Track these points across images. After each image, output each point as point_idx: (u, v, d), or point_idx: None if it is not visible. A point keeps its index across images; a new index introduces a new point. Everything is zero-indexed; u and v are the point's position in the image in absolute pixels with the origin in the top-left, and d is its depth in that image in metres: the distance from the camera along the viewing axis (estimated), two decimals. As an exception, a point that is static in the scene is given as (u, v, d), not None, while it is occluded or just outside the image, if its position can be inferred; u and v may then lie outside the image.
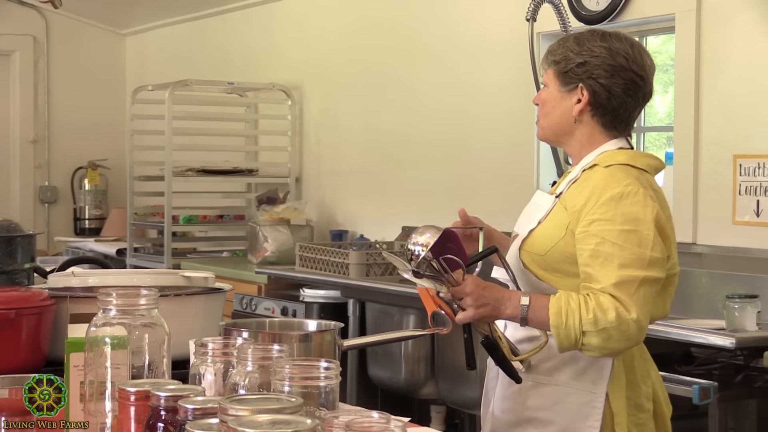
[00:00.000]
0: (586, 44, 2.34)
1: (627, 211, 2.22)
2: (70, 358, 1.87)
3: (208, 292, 2.62)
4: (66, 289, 2.54)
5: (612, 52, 2.33)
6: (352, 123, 6.02)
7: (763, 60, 3.86)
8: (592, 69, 2.32)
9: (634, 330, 2.17)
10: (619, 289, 2.17)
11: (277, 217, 5.85)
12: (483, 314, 2.18)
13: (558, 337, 2.17)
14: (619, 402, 2.28)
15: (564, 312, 2.16)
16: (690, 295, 4.01)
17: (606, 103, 2.33)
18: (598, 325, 2.14)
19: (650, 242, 2.21)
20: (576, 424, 2.28)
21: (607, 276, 2.18)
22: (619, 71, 2.32)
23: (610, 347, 2.18)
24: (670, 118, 4.36)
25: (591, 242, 2.21)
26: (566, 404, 2.29)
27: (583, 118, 2.35)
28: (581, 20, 4.43)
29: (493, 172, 5.00)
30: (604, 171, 2.28)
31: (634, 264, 2.19)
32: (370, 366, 4.72)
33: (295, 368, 1.65)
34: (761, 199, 3.84)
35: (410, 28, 5.58)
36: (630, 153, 2.36)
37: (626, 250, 2.19)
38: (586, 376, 2.29)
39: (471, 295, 2.17)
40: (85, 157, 7.90)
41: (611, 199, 2.23)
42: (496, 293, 2.20)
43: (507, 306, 2.19)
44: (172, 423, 1.54)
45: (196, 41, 7.36)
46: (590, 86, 2.32)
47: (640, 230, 2.21)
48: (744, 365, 3.42)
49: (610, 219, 2.21)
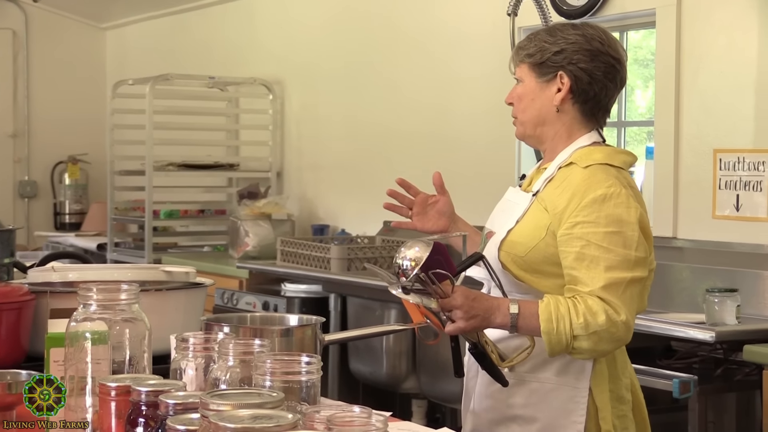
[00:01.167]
0: (559, 33, 2.33)
1: (611, 212, 2.21)
2: (50, 353, 1.86)
3: (189, 287, 2.62)
4: (46, 284, 2.53)
5: (587, 38, 2.32)
6: (333, 117, 6.01)
7: (743, 55, 3.88)
8: (570, 55, 2.30)
9: (623, 331, 2.18)
10: (608, 292, 2.16)
11: (259, 212, 5.85)
12: (473, 326, 2.15)
13: (549, 343, 2.16)
14: (602, 396, 2.29)
15: (554, 318, 2.15)
16: (670, 289, 4.02)
17: (588, 88, 2.32)
18: (589, 329, 2.14)
19: (635, 243, 2.21)
20: (560, 420, 2.28)
21: (595, 279, 2.17)
22: (598, 55, 2.31)
23: (600, 349, 2.19)
24: (650, 113, 4.38)
25: (576, 245, 2.20)
26: (550, 401, 2.29)
27: (565, 107, 2.33)
28: (562, 15, 4.44)
29: (474, 165, 5.01)
30: (585, 171, 2.27)
31: (620, 266, 2.19)
32: (352, 360, 4.73)
33: (276, 363, 1.65)
34: (741, 194, 3.86)
35: (392, 22, 5.57)
36: (606, 150, 2.35)
37: (612, 252, 2.19)
38: (569, 372, 2.28)
39: (461, 308, 2.13)
40: (65, 151, 7.87)
41: (594, 201, 2.21)
42: (485, 304, 2.17)
43: (496, 316, 2.17)
44: (153, 418, 1.54)
45: (177, 35, 7.33)
46: (571, 72, 2.30)
47: (624, 231, 2.21)
48: (724, 359, 3.44)
49: (594, 221, 2.20)
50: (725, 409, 3.66)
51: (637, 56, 4.61)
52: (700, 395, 3.28)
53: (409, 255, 2.11)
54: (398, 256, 2.13)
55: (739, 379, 3.38)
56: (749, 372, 3.33)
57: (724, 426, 3.67)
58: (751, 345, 3.25)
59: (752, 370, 3.31)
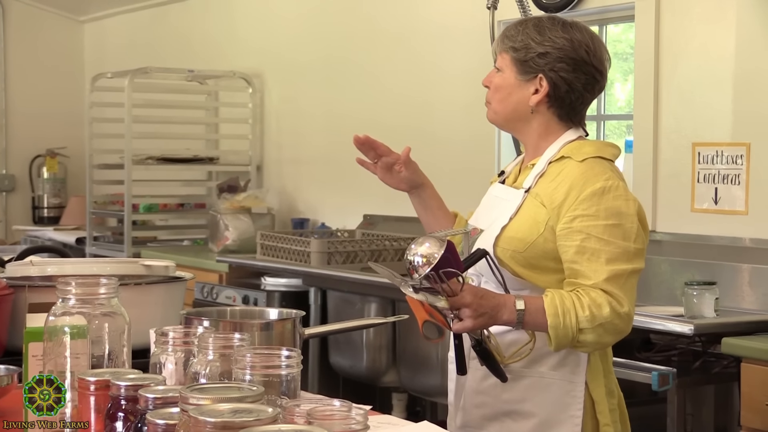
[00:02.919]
0: (547, 33, 2.30)
1: (610, 205, 2.22)
2: (28, 347, 1.85)
3: (169, 280, 2.61)
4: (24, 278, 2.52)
5: (574, 45, 2.30)
6: (313, 111, 6.00)
7: (721, 49, 3.89)
8: (554, 61, 2.29)
9: (626, 323, 2.19)
10: (611, 284, 2.17)
11: (238, 206, 5.84)
12: (481, 324, 2.14)
13: (556, 337, 2.16)
14: (599, 390, 2.29)
15: (561, 312, 2.14)
16: (649, 282, 4.04)
17: (564, 96, 2.31)
18: (595, 321, 2.14)
19: (634, 234, 2.22)
20: (557, 414, 2.28)
21: (597, 272, 2.17)
22: (581, 65, 2.30)
23: (603, 342, 2.20)
24: (629, 107, 4.39)
25: (576, 238, 2.20)
26: (546, 395, 2.28)
27: (540, 109, 2.33)
28: (542, 8, 4.44)
29: (454, 160, 5.01)
30: (581, 165, 2.27)
31: (621, 258, 2.19)
32: (332, 354, 4.73)
33: (256, 357, 1.65)
34: (719, 187, 3.87)
35: (372, 16, 5.57)
36: (596, 144, 2.36)
37: (612, 245, 2.19)
38: (565, 366, 2.28)
39: (470, 306, 2.11)
40: (43, 145, 7.83)
41: (593, 194, 2.22)
42: (492, 301, 2.15)
43: (503, 313, 2.15)
44: (133, 412, 1.54)
45: (156, 28, 7.30)
46: (551, 78, 2.30)
47: (623, 224, 2.21)
48: (702, 351, 3.45)
49: (593, 214, 2.20)
50: (704, 401, 3.68)
51: (617, 50, 4.62)
52: (679, 388, 3.30)
53: (420, 251, 2.08)
54: (409, 253, 2.09)
55: (718, 372, 3.40)
56: (727, 364, 3.35)
57: (702, 418, 3.69)
58: (729, 338, 3.27)
59: (730, 363, 3.33)
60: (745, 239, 3.79)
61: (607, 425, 2.28)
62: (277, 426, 1.31)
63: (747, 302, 3.72)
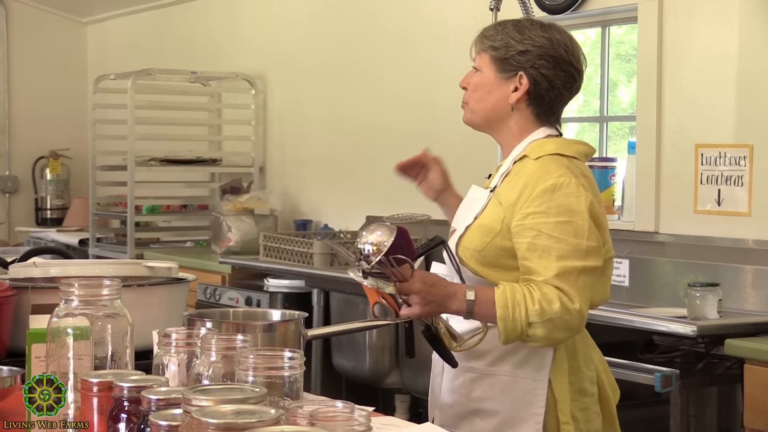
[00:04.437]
0: (527, 32, 2.33)
1: (561, 202, 2.22)
2: (31, 349, 1.85)
3: (172, 282, 2.62)
4: (27, 279, 2.52)
5: (553, 43, 2.32)
6: (316, 112, 6.01)
7: (724, 50, 3.89)
8: (534, 58, 2.31)
9: (577, 319, 2.18)
10: (561, 280, 2.17)
11: (241, 207, 5.84)
12: (428, 311, 2.18)
13: (505, 329, 2.17)
14: (561, 387, 2.29)
15: (510, 304, 2.16)
16: (652, 283, 4.04)
17: (544, 94, 2.33)
18: (544, 315, 2.15)
19: (586, 232, 2.21)
20: (520, 412, 2.29)
21: (548, 268, 2.18)
22: (561, 63, 2.32)
23: (553, 337, 2.19)
24: (632, 108, 4.39)
25: (528, 236, 2.21)
26: (510, 393, 2.30)
27: (519, 107, 2.35)
28: (544, 10, 4.45)
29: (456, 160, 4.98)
30: (536, 163, 2.28)
31: (572, 255, 2.19)
32: (335, 355, 4.73)
33: (259, 358, 1.65)
34: (722, 188, 3.87)
35: (374, 17, 5.57)
36: (559, 141, 2.36)
37: (563, 242, 2.19)
38: (528, 365, 2.29)
39: (419, 293, 2.16)
40: (46, 146, 7.83)
41: (545, 192, 2.22)
42: (442, 290, 2.19)
43: (453, 302, 2.19)
44: (135, 414, 1.54)
45: (159, 30, 7.31)
46: (531, 75, 2.32)
47: (574, 221, 2.21)
48: (705, 353, 3.45)
49: (544, 212, 2.21)
50: (707, 402, 3.68)
51: (620, 51, 4.62)
52: (682, 389, 3.29)
53: (371, 239, 2.12)
54: (360, 240, 2.14)
55: (721, 373, 3.40)
56: (730, 366, 3.35)
57: (705, 419, 3.69)
58: (732, 339, 3.27)
59: (733, 364, 3.33)
60: (748, 240, 3.79)
61: (567, 423, 2.28)
62: (279, 427, 1.32)
63: (750, 303, 3.72)
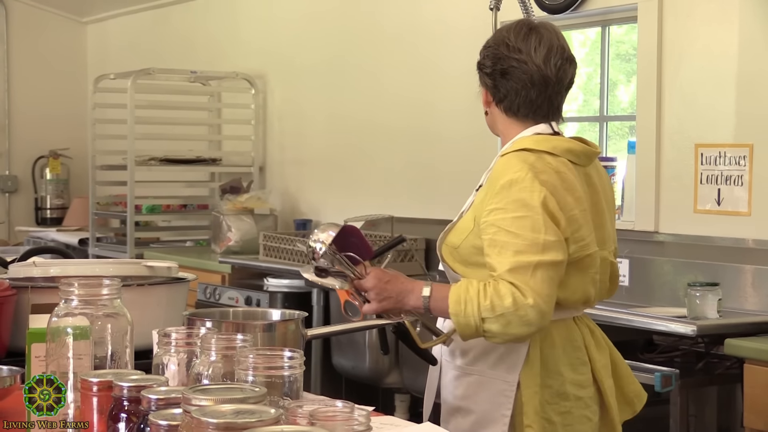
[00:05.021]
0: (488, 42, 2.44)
1: (516, 197, 2.23)
2: (31, 348, 1.85)
3: (172, 281, 2.62)
4: (27, 279, 2.52)
5: (496, 40, 2.40)
6: (315, 112, 6.01)
7: (724, 50, 3.89)
8: (483, 59, 2.42)
9: (533, 315, 2.16)
10: (514, 275, 2.17)
11: (241, 207, 5.84)
12: (386, 307, 2.26)
13: (458, 324, 2.20)
14: (528, 390, 2.28)
15: (463, 300, 2.19)
16: (652, 283, 4.04)
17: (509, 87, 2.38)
18: (495, 311, 2.16)
19: (542, 226, 2.21)
20: (492, 412, 2.31)
21: (502, 263, 2.19)
22: (501, 60, 2.38)
23: (511, 333, 2.18)
24: (632, 108, 4.39)
25: (489, 232, 2.24)
26: (483, 393, 2.33)
27: (493, 111, 2.43)
28: (544, 9, 4.45)
29: (456, 160, 5.01)
30: (501, 160, 2.32)
31: (528, 249, 2.19)
32: (335, 355, 4.73)
33: (258, 358, 1.65)
34: (722, 188, 3.87)
35: (374, 17, 5.57)
36: (538, 137, 2.35)
37: (519, 237, 2.20)
38: (502, 365, 2.31)
39: (373, 289, 2.25)
40: (46, 146, 7.83)
41: (503, 188, 2.25)
42: (398, 286, 2.26)
43: (410, 298, 2.26)
44: (135, 413, 1.54)
45: (159, 29, 7.31)
46: (484, 82, 2.43)
47: (531, 215, 2.22)
48: (705, 352, 3.45)
49: (503, 207, 2.24)
50: (707, 402, 3.68)
51: (620, 51, 4.62)
52: (682, 389, 3.29)
53: (321, 237, 2.24)
54: (311, 239, 2.25)
55: (721, 373, 3.40)
56: (730, 365, 3.35)
57: (705, 419, 3.69)
58: (732, 339, 3.27)
59: (733, 364, 3.33)
60: (748, 240, 3.79)
61: (529, 427, 2.27)
62: (279, 427, 1.31)
63: (750, 303, 3.72)
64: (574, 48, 4.84)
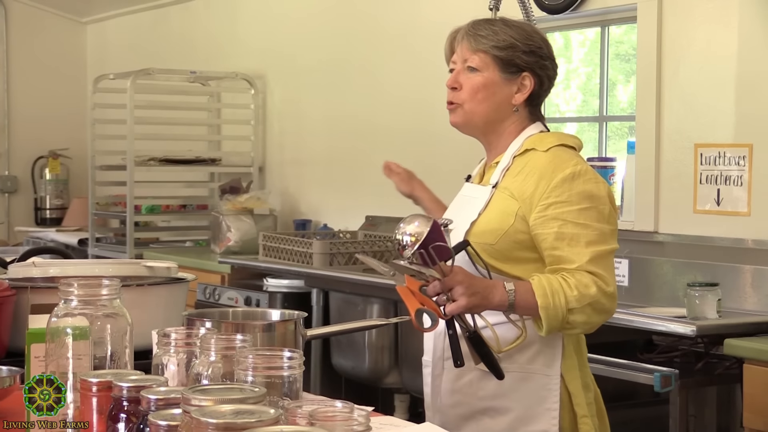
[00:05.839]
0: (524, 32, 2.36)
1: (581, 189, 2.24)
2: (30, 349, 1.85)
3: (171, 282, 2.61)
4: (27, 279, 2.52)
5: (546, 43, 2.38)
6: (315, 112, 6.01)
7: (723, 50, 3.89)
8: (540, 59, 2.35)
9: (612, 302, 2.21)
10: (594, 265, 2.19)
11: (240, 207, 5.84)
12: (474, 303, 2.12)
13: (547, 318, 2.16)
14: (575, 382, 2.29)
15: (549, 292, 2.15)
16: (651, 283, 4.04)
17: (543, 92, 2.38)
18: (583, 300, 2.16)
19: (607, 216, 2.26)
20: (534, 408, 2.27)
21: (580, 254, 2.19)
22: (550, 61, 2.38)
23: (592, 322, 2.20)
24: (632, 108, 4.39)
25: (553, 226, 2.22)
26: (521, 390, 2.28)
27: (520, 107, 2.38)
28: (544, 9, 4.44)
29: (456, 160, 5.00)
30: (547, 155, 2.30)
31: (599, 239, 2.22)
32: (334, 355, 4.72)
33: (258, 358, 1.65)
34: (722, 188, 3.87)
35: (374, 17, 5.57)
36: (557, 134, 2.40)
37: (589, 228, 2.22)
38: (539, 360, 2.28)
39: (462, 283, 2.11)
40: (45, 146, 7.83)
41: (564, 181, 2.24)
42: (484, 281, 2.16)
43: (495, 294, 2.15)
44: (135, 413, 1.54)
45: (158, 30, 7.31)
46: (537, 75, 2.35)
47: (596, 206, 2.24)
48: (704, 353, 3.45)
49: (566, 200, 2.23)
50: (706, 402, 3.68)
51: (619, 51, 4.62)
52: (681, 389, 3.29)
53: (409, 230, 2.09)
54: (398, 232, 2.11)
55: (720, 373, 3.40)
56: (730, 366, 3.35)
57: (705, 419, 3.69)
58: (731, 339, 3.27)
59: (733, 364, 3.33)
60: (748, 240, 3.79)
61: (585, 416, 2.27)
62: (279, 427, 1.32)
63: (749, 303, 3.72)
64: (573, 48, 4.86)
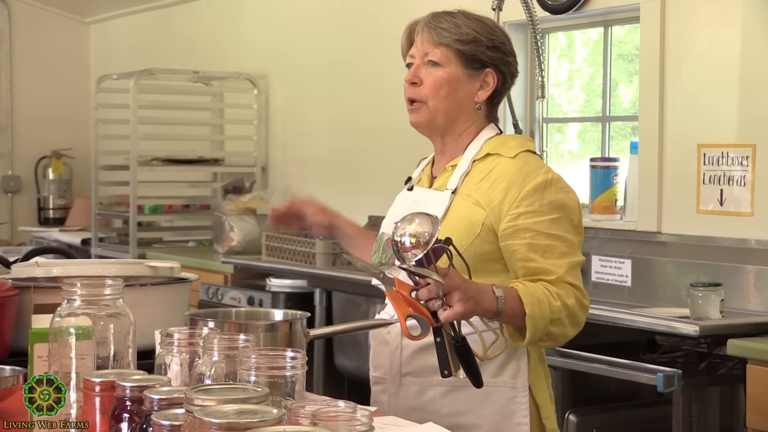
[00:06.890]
0: (489, 26, 2.29)
1: (553, 198, 2.16)
2: (34, 348, 1.85)
3: (174, 282, 2.61)
4: (30, 279, 2.52)
5: (507, 38, 2.30)
6: (318, 112, 6.01)
7: (726, 50, 3.89)
8: (503, 55, 2.27)
9: (585, 315, 2.15)
10: (572, 277, 2.12)
11: (243, 207, 5.84)
12: (469, 309, 1.96)
13: (533, 328, 2.05)
14: (542, 394, 2.22)
15: (536, 301, 2.05)
16: (654, 283, 4.04)
17: (504, 91, 2.30)
18: (564, 312, 2.08)
19: (576, 226, 2.18)
20: (503, 422, 2.20)
21: (556, 266, 2.11)
22: (514, 57, 2.30)
23: (567, 335, 2.13)
24: (634, 108, 4.39)
25: (525, 237, 2.14)
26: (488, 404, 2.20)
27: (482, 106, 2.29)
28: (547, 9, 4.44)
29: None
30: (515, 161, 2.20)
31: (570, 251, 2.15)
32: (337, 355, 4.72)
33: (261, 358, 1.65)
34: (725, 188, 3.87)
35: (377, 17, 5.57)
36: (518, 138, 2.34)
37: (561, 239, 2.14)
38: (505, 372, 2.21)
39: (459, 288, 1.94)
40: (48, 146, 7.84)
41: (535, 190, 2.16)
42: (476, 285, 2.01)
43: (485, 299, 2.01)
44: (138, 413, 1.54)
45: (161, 30, 7.31)
46: (501, 72, 2.26)
47: (567, 216, 2.17)
48: (707, 353, 3.45)
49: (537, 210, 2.15)
50: (709, 402, 3.68)
51: (622, 51, 4.61)
52: (684, 389, 3.29)
53: (409, 230, 1.91)
54: (396, 233, 1.92)
55: (723, 373, 3.40)
56: (733, 366, 3.35)
57: (708, 420, 3.68)
58: (734, 339, 3.27)
59: (736, 364, 3.32)
60: (751, 240, 3.79)
61: (555, 430, 2.23)
62: (282, 427, 1.32)
63: (752, 303, 3.71)
64: (576, 48, 4.85)
